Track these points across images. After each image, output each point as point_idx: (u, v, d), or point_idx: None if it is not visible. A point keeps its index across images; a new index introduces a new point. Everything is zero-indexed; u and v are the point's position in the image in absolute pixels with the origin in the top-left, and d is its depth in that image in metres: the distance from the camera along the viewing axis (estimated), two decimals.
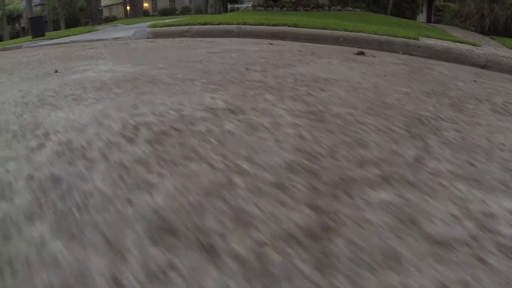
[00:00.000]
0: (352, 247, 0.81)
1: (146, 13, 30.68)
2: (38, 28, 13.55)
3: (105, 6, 40.08)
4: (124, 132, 1.48)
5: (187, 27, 6.95)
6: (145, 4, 36.02)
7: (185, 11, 34.29)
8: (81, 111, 1.84)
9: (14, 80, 2.96)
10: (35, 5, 39.52)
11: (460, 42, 5.64)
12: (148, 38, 7.42)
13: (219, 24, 6.71)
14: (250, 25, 6.23)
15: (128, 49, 4.88)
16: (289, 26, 5.74)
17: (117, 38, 8.03)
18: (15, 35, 42.27)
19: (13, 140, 1.46)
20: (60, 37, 12.45)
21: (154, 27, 7.74)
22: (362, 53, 4.10)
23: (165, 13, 35.08)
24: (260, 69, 2.91)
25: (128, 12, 28.06)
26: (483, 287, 0.70)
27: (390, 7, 20.57)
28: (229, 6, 33.02)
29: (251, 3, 31.67)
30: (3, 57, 7.05)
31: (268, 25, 5.93)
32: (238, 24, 6.34)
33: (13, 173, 1.16)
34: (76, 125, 1.61)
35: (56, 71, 3.15)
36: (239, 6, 32.59)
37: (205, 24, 6.91)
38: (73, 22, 40.70)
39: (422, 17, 30.31)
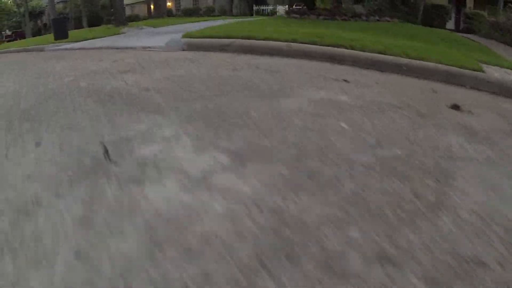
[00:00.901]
0: None
1: (169, 13, 29.94)
2: (61, 29, 12.80)
3: (127, 5, 39.65)
4: None
5: (229, 40, 5.94)
6: (168, 4, 35.36)
7: (209, 11, 33.47)
8: None
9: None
10: (57, 2, 39.36)
11: None
12: (183, 50, 6.44)
13: (265, 39, 5.66)
14: (301, 43, 5.17)
15: (177, 77, 3.64)
16: (346, 47, 4.72)
17: (148, 47, 7.08)
18: (37, 31, 42.16)
19: None
20: (84, 40, 11.66)
21: (190, 38, 6.75)
22: (457, 107, 2.94)
23: (189, 13, 34.33)
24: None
25: (152, 11, 27.34)
26: None
27: (421, 13, 19.34)
28: (255, 8, 32.06)
29: (284, 8, 30.76)
30: (22, 64, 6.19)
31: (322, 45, 4.92)
32: (287, 42, 5.31)
33: None
34: None
35: (106, 153, 1.86)
36: (265, 8, 31.61)
37: (248, 38, 5.88)
38: (95, 19, 40.38)
39: (450, 24, 28.88)
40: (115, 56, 5.89)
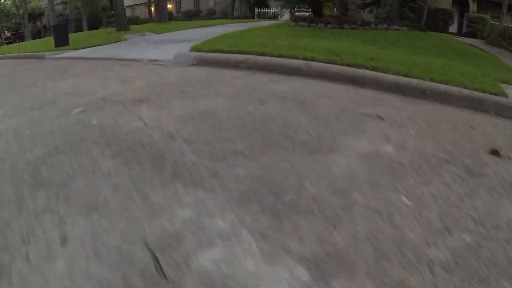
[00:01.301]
0: None
1: (170, 15, 29.56)
2: (61, 36, 12.48)
3: (127, 7, 39.32)
4: None
5: (243, 56, 5.61)
6: (169, 6, 35.01)
7: (210, 14, 33.20)
8: None
9: None
10: (57, 4, 39.01)
11: None
12: (193, 64, 6.15)
13: (280, 56, 5.31)
14: (321, 62, 4.84)
15: (201, 114, 3.13)
16: (367, 68, 4.45)
17: (155, 60, 6.78)
18: (37, 33, 41.77)
19: None
20: (85, 47, 11.36)
21: (199, 51, 6.45)
22: (496, 153, 2.65)
23: (190, 15, 34.04)
24: None
25: (153, 14, 26.99)
26: None
27: (425, 17, 19.10)
28: (257, 11, 31.73)
29: (287, 11, 30.45)
30: (20, 82, 5.84)
31: (342, 64, 4.62)
32: (305, 59, 4.98)
33: None
34: None
35: (158, 267, 1.38)
36: (267, 11, 31.29)
37: (262, 54, 5.54)
38: (95, 21, 40.03)
39: (453, 28, 28.71)
40: (122, 73, 5.58)
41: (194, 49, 6.69)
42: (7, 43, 37.08)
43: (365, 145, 2.55)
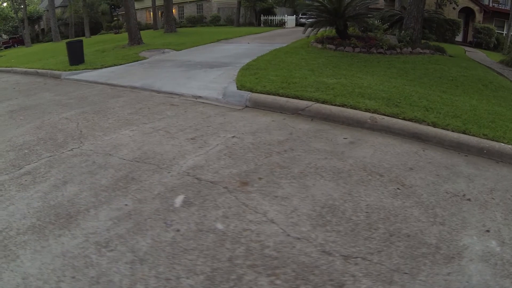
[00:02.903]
0: None
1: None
2: (76, 53, 11.88)
3: None
4: None
5: (303, 103, 5.25)
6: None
7: (215, 20, 32.72)
8: None
9: None
10: (56, 7, 38.14)
11: None
12: (246, 106, 5.70)
13: (343, 105, 5.04)
14: (383, 115, 4.74)
15: None
16: (428, 124, 4.44)
17: (200, 97, 6.31)
18: (35, 37, 40.89)
19: None
20: (104, 66, 10.81)
21: (251, 91, 5.97)
22: None
23: (193, 21, 33.52)
24: None
25: (162, 22, 26.34)
26: None
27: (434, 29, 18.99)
28: (263, 18, 31.30)
29: (293, 18, 30.02)
30: (46, 119, 5.29)
31: (404, 119, 4.60)
32: (368, 112, 4.82)
33: None
34: None
35: None
36: (273, 18, 30.87)
37: (323, 102, 5.21)
38: (94, 25, 39.30)
39: (459, 37, 28.73)
40: (176, 120, 5.10)
41: (243, 87, 6.22)
42: (5, 48, 36.17)
43: (476, 242, 2.38)
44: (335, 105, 5.09)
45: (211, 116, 5.20)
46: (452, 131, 4.27)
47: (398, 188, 3.09)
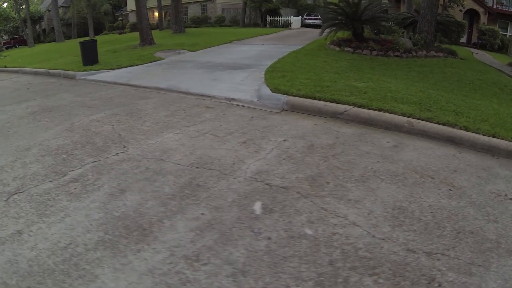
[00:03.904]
0: None
1: None
2: (90, 53, 11.71)
3: (131, 11, 38.39)
4: None
5: (342, 107, 5.18)
6: None
7: (220, 21, 32.63)
8: None
9: None
10: (58, 7, 37.83)
11: None
12: (284, 109, 5.57)
13: (379, 109, 5.01)
14: (421, 119, 4.78)
15: None
16: (460, 128, 4.54)
17: (233, 99, 6.17)
18: (37, 37, 40.56)
19: None
20: (120, 67, 10.63)
21: (288, 94, 5.85)
22: None
23: (198, 22, 33.40)
24: None
25: (171, 22, 26.10)
26: None
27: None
28: (269, 19, 31.17)
29: (298, 19, 29.93)
30: (76, 122, 5.12)
31: (438, 123, 4.67)
32: (404, 116, 4.84)
33: None
34: None
35: None
36: (279, 19, 30.76)
37: (361, 106, 5.14)
38: (97, 26, 39.05)
39: (463, 39, 28.80)
40: (218, 122, 5.01)
41: (278, 90, 6.13)
42: (6, 48, 35.84)
43: None
44: (372, 109, 5.09)
45: (252, 119, 5.06)
46: (483, 134, 4.39)
47: (450, 189, 3.17)
